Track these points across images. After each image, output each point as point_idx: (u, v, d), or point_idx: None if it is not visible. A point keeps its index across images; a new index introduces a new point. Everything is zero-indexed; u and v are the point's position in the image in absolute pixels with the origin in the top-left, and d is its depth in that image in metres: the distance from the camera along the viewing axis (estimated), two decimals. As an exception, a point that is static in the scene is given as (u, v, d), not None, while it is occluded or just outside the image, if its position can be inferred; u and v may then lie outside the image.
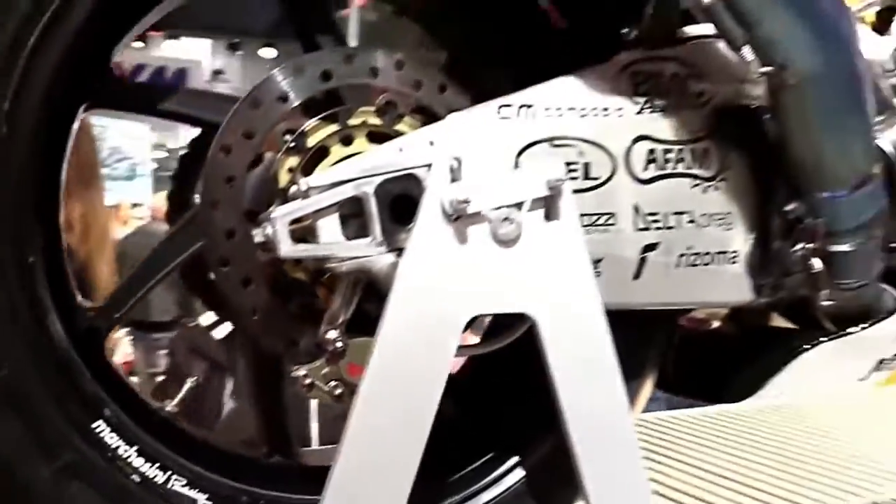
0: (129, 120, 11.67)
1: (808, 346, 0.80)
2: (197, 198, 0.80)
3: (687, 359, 0.85)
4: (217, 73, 12.89)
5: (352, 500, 0.54)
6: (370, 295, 0.60)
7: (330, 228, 0.55)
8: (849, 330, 0.82)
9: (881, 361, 0.87)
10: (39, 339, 0.55)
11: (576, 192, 0.61)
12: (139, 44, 10.83)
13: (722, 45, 0.67)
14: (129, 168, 11.20)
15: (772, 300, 0.78)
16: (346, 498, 0.53)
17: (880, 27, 0.79)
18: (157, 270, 0.65)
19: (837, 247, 0.73)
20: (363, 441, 0.54)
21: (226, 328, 1.07)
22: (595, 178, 0.63)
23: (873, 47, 0.74)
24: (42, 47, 0.55)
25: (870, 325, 0.81)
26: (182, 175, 0.79)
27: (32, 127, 0.56)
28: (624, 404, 0.63)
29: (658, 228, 0.66)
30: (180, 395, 1.13)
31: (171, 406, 1.16)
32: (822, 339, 0.81)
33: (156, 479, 0.58)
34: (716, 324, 0.98)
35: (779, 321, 0.91)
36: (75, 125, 0.62)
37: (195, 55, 11.52)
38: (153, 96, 0.67)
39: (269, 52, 11.56)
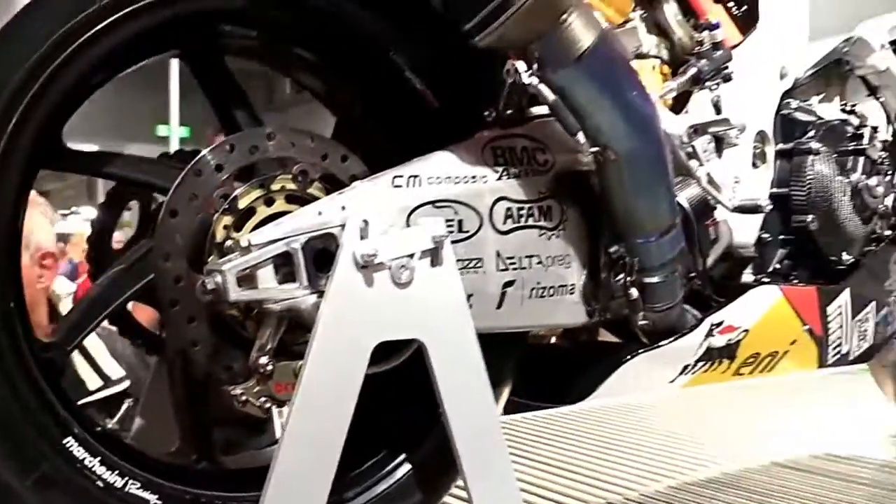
0: None
1: (630, 357, 1.03)
2: (115, 244, 0.93)
3: (532, 368, 1.06)
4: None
5: (288, 492, 0.70)
6: (292, 327, 0.76)
7: (266, 276, 0.71)
8: (660, 343, 1.05)
9: (685, 367, 1.11)
10: (18, 373, 0.67)
11: (452, 242, 0.80)
12: None
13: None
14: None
15: (601, 320, 1.01)
16: (284, 491, 0.69)
17: (677, 108, 1.04)
18: (104, 307, 0.78)
19: (649, 279, 0.97)
20: (296, 444, 0.70)
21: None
22: (466, 231, 0.82)
23: (672, 125, 0.98)
24: (14, 129, 0.67)
25: (675, 339, 1.06)
26: (101, 223, 0.91)
27: (6, 190, 0.68)
28: (493, 408, 0.83)
29: (515, 269, 0.86)
30: (118, 415, 1.20)
31: (111, 423, 1.25)
32: (639, 350, 1.04)
33: (115, 484, 0.71)
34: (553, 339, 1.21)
35: (606, 336, 1.14)
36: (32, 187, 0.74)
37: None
38: (101, 161, 0.79)
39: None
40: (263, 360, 0.74)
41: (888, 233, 1.30)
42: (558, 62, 0.78)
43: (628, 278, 0.96)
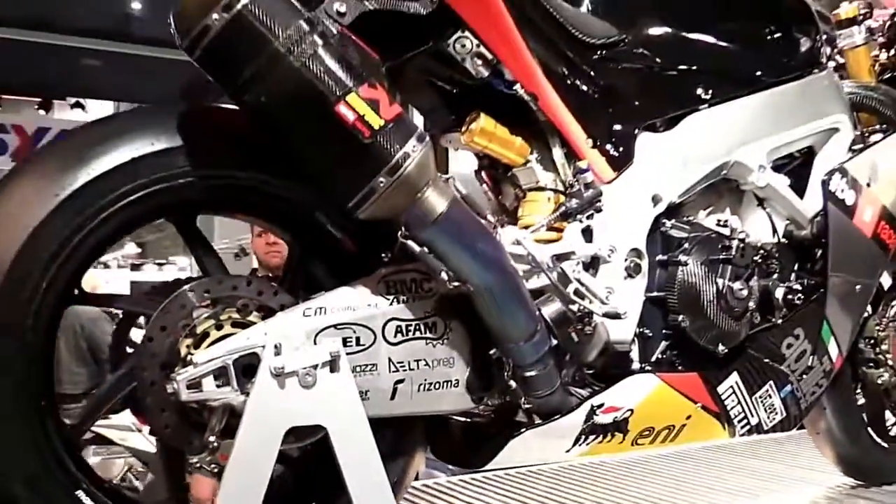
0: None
1: (519, 431, 1.34)
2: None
3: (447, 435, 1.38)
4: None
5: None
6: (231, 415, 1.11)
7: (209, 383, 1.07)
8: (549, 420, 1.36)
9: (577, 440, 1.41)
10: (47, 448, 1.04)
11: (351, 354, 1.14)
12: (42, 112, 11.11)
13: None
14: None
15: (494, 405, 1.33)
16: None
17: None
18: (106, 401, 1.16)
19: (526, 373, 1.29)
20: (229, 495, 1.05)
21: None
22: (363, 345, 1.16)
23: (539, 254, 1.30)
24: (48, 284, 1.06)
25: (559, 418, 1.36)
26: (117, 333, 1.29)
27: (42, 322, 1.07)
28: (382, 474, 1.15)
29: (404, 371, 1.20)
30: (118, 476, 1.57)
31: (113, 482, 1.63)
32: (528, 425, 1.35)
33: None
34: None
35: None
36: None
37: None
38: (109, 299, 1.18)
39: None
40: (211, 438, 1.09)
41: (767, 325, 1.58)
42: (420, 225, 1.12)
43: (507, 373, 1.29)
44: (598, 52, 1.45)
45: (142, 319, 1.18)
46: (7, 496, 1.03)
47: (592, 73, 1.43)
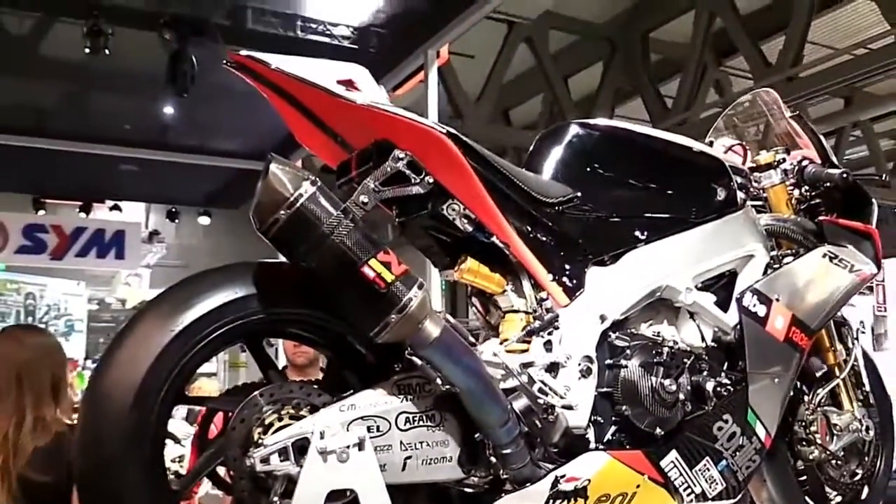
0: (66, 278, 12.34)
1: (500, 496, 1.81)
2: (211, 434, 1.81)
3: (446, 501, 1.86)
4: (154, 234, 13.93)
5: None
6: (289, 482, 1.60)
7: (275, 458, 1.56)
8: (522, 487, 1.83)
9: (546, 502, 1.88)
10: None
11: (373, 438, 1.63)
12: (82, 214, 11.85)
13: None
14: (66, 324, 11.99)
15: (480, 475, 1.81)
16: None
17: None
18: (201, 472, 1.66)
19: (502, 451, 1.77)
20: (287, 540, 1.53)
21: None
22: (381, 431, 1.66)
23: (510, 362, 1.80)
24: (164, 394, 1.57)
25: (530, 485, 1.83)
26: (201, 427, 1.80)
27: (164, 417, 1.58)
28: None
29: (412, 450, 1.69)
30: None
31: None
32: (509, 492, 1.82)
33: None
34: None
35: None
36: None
37: (134, 220, 12.58)
38: (204, 400, 1.69)
39: (204, 220, 12.70)
40: (275, 499, 1.58)
41: (700, 412, 2.05)
42: (421, 346, 1.63)
43: (488, 451, 1.78)
44: (556, 208, 1.97)
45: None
46: None
47: (550, 223, 1.95)
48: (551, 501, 1.86)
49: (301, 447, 1.58)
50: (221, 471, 1.76)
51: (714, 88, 10.25)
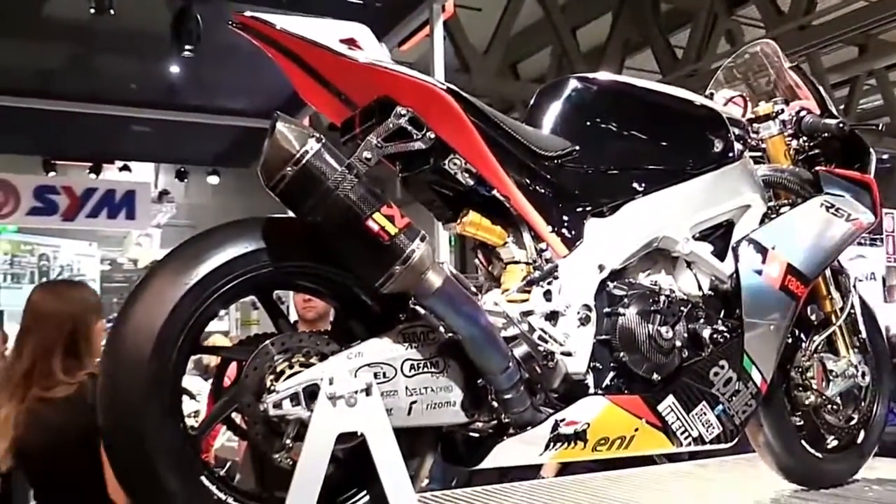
0: (79, 239, 12.51)
1: (502, 439, 1.91)
2: (226, 383, 1.91)
3: (452, 442, 1.96)
4: (163, 194, 14.04)
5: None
6: (301, 426, 1.69)
7: (287, 404, 1.66)
8: (523, 430, 1.92)
9: (547, 446, 1.97)
10: (185, 449, 1.64)
11: (379, 384, 1.72)
12: (92, 175, 11.95)
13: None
14: (78, 287, 12.13)
15: (483, 419, 1.90)
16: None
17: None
18: (217, 418, 1.76)
19: (503, 396, 1.85)
20: (300, 482, 1.63)
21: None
22: (388, 378, 1.75)
23: (510, 311, 1.88)
24: (182, 343, 1.66)
25: (531, 428, 1.92)
26: (216, 379, 1.90)
27: (180, 368, 1.67)
28: (403, 469, 1.72)
29: (416, 395, 1.77)
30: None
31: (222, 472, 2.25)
32: (508, 434, 1.92)
33: (227, 500, 1.66)
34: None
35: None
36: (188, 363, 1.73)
37: (144, 180, 12.68)
38: (219, 349, 1.78)
39: (213, 179, 12.79)
40: (288, 442, 1.68)
41: (697, 358, 2.13)
42: (424, 295, 1.70)
43: (490, 396, 1.86)
44: (555, 161, 2.04)
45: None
46: (157, 483, 1.62)
47: (549, 176, 2.02)
48: (552, 444, 1.96)
49: (311, 393, 1.67)
50: (236, 418, 1.86)
51: (725, 38, 10.17)
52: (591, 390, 2.02)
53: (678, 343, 2.07)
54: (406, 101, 1.80)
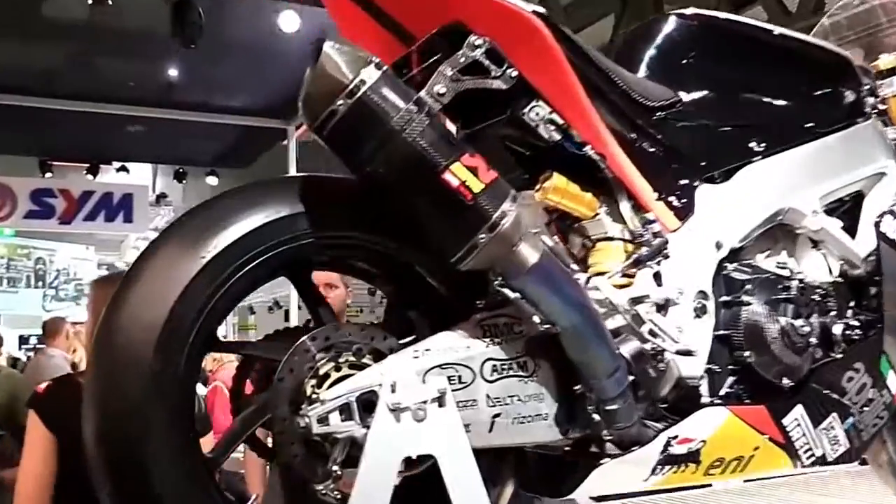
0: (76, 242, 12.19)
1: (602, 462, 1.50)
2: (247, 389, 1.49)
3: (536, 468, 1.54)
4: (161, 197, 13.71)
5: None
6: (353, 447, 1.28)
7: (335, 418, 1.24)
8: (628, 451, 1.51)
9: (654, 469, 1.56)
10: (197, 472, 1.23)
11: (454, 391, 1.31)
12: (89, 176, 11.61)
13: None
14: (76, 289, 11.86)
15: (578, 436, 1.49)
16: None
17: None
18: (241, 435, 1.34)
19: (608, 406, 1.45)
20: (354, 520, 1.22)
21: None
22: (465, 383, 1.34)
23: (615, 297, 1.47)
24: (195, 336, 1.25)
25: (637, 448, 1.52)
26: (237, 380, 1.48)
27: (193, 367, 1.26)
28: (482, 493, 1.31)
29: (500, 405, 1.36)
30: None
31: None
32: (609, 456, 1.51)
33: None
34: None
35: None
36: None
37: (141, 181, 12.35)
38: (238, 346, 1.37)
39: (211, 180, 12.49)
40: (335, 468, 1.26)
41: (828, 359, 1.72)
42: (514, 274, 1.30)
43: (590, 407, 1.45)
44: (658, 114, 1.64)
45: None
46: None
47: (654, 132, 1.61)
48: (660, 467, 1.55)
49: (367, 402, 1.26)
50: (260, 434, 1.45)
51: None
52: (706, 399, 1.61)
53: (812, 340, 1.66)
54: (482, 30, 1.39)
